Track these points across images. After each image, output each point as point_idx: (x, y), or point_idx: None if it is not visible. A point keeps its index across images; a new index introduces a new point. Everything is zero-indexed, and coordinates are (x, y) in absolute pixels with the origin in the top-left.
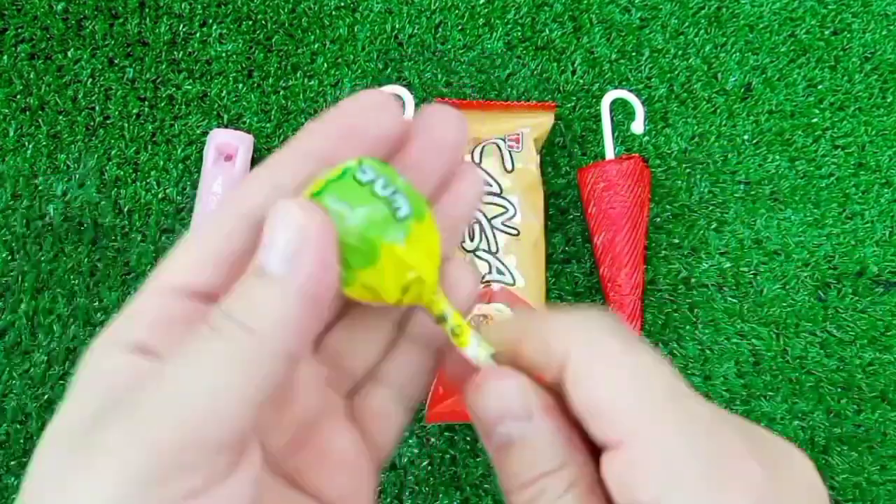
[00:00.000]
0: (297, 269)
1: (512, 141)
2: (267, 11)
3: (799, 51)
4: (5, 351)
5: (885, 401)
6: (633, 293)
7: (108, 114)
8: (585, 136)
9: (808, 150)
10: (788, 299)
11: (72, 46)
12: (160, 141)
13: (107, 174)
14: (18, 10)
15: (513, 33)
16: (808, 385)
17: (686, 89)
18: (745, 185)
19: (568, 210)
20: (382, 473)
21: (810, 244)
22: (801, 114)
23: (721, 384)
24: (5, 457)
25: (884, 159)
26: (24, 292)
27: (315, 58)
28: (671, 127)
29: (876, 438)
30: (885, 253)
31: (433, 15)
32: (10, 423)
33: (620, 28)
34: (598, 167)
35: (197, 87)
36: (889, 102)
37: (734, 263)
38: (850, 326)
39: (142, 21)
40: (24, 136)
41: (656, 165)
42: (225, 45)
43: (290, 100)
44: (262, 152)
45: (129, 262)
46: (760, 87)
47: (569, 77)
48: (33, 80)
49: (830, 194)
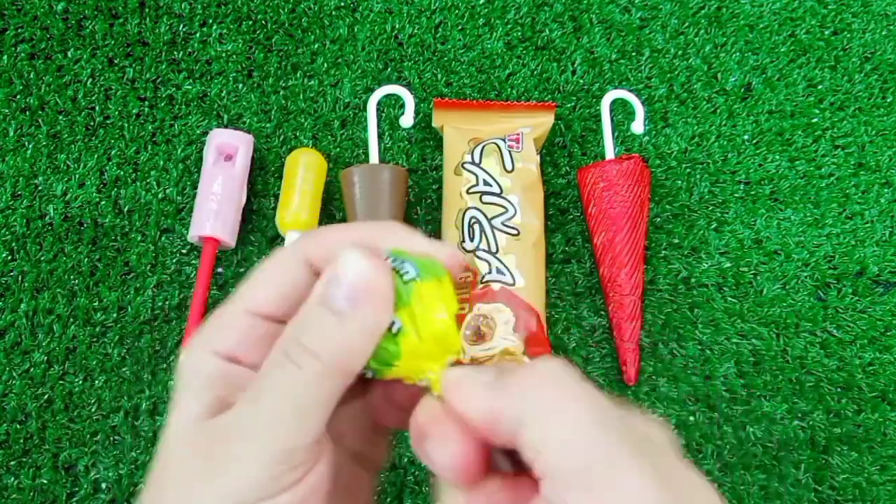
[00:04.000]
0: (361, 308)
1: (512, 141)
2: (267, 11)
3: (799, 51)
4: (5, 351)
5: (885, 401)
6: (633, 293)
7: (108, 114)
8: (585, 136)
9: (808, 150)
10: (788, 299)
11: (72, 46)
12: (160, 141)
13: (107, 174)
14: (18, 10)
15: (513, 33)
16: (809, 385)
17: (686, 89)
18: (745, 185)
19: (568, 210)
20: (382, 473)
21: (810, 244)
22: (801, 114)
23: (721, 384)
24: (5, 457)
25: (884, 159)
26: (24, 292)
27: (315, 58)
28: (671, 127)
29: (876, 438)
30: (885, 253)
31: (433, 15)
32: (10, 423)
33: (620, 28)
34: (598, 167)
35: (197, 87)
36: (889, 102)
37: (734, 263)
38: (850, 326)
39: (142, 21)
40: (24, 136)
41: (656, 165)
42: (225, 45)
43: (290, 100)
44: (262, 152)
45: (129, 262)
46: (760, 87)
47: (569, 77)
48: (33, 80)
49: (830, 194)
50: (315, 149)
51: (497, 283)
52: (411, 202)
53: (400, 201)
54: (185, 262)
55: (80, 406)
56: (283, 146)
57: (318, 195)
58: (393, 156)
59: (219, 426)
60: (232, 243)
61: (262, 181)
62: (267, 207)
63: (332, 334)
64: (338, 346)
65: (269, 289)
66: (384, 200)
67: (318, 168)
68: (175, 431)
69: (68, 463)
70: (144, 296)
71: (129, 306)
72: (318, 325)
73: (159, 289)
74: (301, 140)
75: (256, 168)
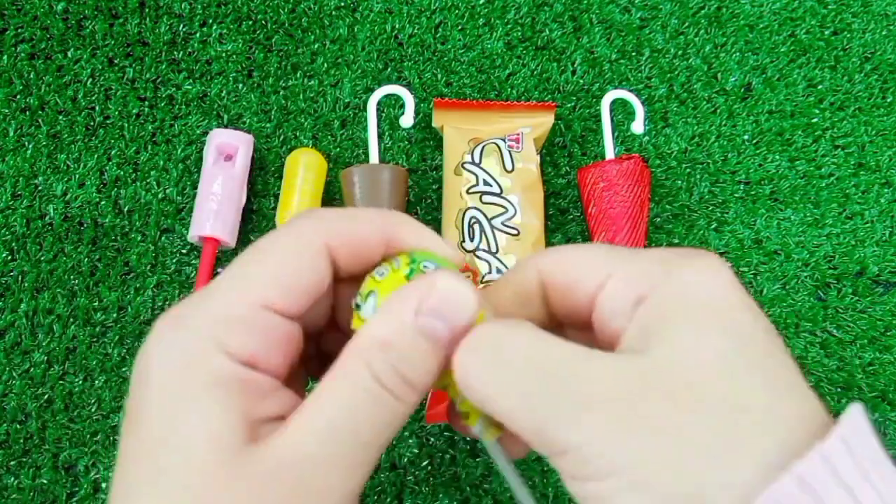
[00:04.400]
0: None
1: (512, 141)
2: (267, 11)
3: (799, 51)
4: (5, 351)
5: (885, 401)
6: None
7: (108, 114)
8: (585, 136)
9: (808, 150)
10: (788, 299)
11: (72, 46)
12: (160, 141)
13: (107, 174)
14: (18, 10)
15: (513, 33)
16: (809, 385)
17: (686, 89)
18: (745, 185)
19: (568, 210)
20: (382, 473)
21: (810, 244)
22: (801, 114)
23: None
24: (5, 457)
25: (884, 159)
26: (24, 292)
27: (315, 58)
28: (671, 127)
29: None
30: (885, 253)
31: (433, 15)
32: (10, 422)
33: (620, 28)
34: (598, 167)
35: (197, 87)
36: (889, 102)
37: (734, 263)
38: (850, 326)
39: (142, 21)
40: (24, 136)
41: (656, 165)
42: (225, 45)
43: (290, 100)
44: (262, 152)
45: (129, 262)
46: (760, 87)
47: (569, 77)
48: (33, 80)
49: (830, 194)
50: (315, 149)
51: None
52: (411, 202)
53: (400, 201)
54: (185, 262)
55: (80, 406)
56: (283, 146)
57: (318, 195)
58: (393, 156)
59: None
60: (232, 243)
61: (262, 181)
62: (267, 207)
63: (431, 367)
64: (432, 378)
65: (290, 280)
66: (384, 200)
67: (318, 168)
68: (198, 453)
69: (68, 463)
70: (144, 296)
71: (129, 306)
72: (421, 357)
73: (159, 289)
74: (301, 140)
75: (256, 168)
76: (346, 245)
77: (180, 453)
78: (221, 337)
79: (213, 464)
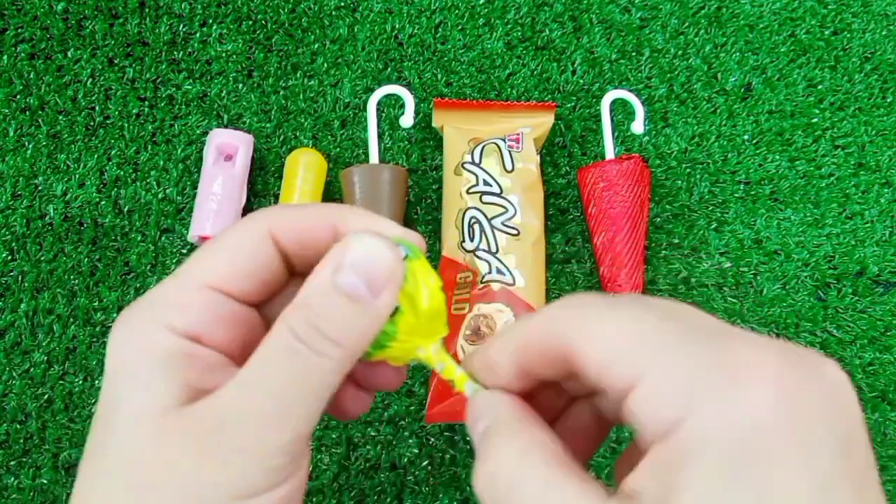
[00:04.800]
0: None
1: (512, 141)
2: (267, 11)
3: (799, 51)
4: (5, 351)
5: (885, 401)
6: (634, 293)
7: (108, 114)
8: (585, 136)
9: (808, 150)
10: (788, 299)
11: (72, 46)
12: (160, 141)
13: (107, 174)
14: (18, 10)
15: (513, 33)
16: None
17: (686, 89)
18: (745, 185)
19: (568, 210)
20: (382, 473)
21: (810, 244)
22: (801, 114)
23: None
24: (5, 457)
25: (884, 159)
26: (24, 292)
27: (315, 58)
28: (671, 127)
29: (876, 438)
30: (885, 253)
31: (433, 15)
32: (10, 423)
33: (620, 28)
34: (598, 167)
35: (197, 87)
36: (889, 102)
37: (734, 263)
38: (850, 326)
39: (142, 21)
40: (24, 136)
41: (656, 165)
42: (225, 45)
43: (290, 100)
44: (262, 152)
45: (129, 262)
46: (760, 87)
47: (569, 77)
48: (33, 80)
49: (830, 194)
50: (315, 149)
51: (497, 283)
52: (411, 202)
53: (400, 201)
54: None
55: (80, 406)
56: (283, 146)
57: (317, 195)
58: (393, 156)
59: (207, 416)
60: None
61: (262, 181)
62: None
63: (355, 323)
64: (360, 335)
65: (232, 263)
66: (384, 200)
67: (318, 168)
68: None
69: (68, 463)
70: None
71: None
72: (339, 313)
73: None
74: (301, 140)
75: (256, 168)
76: (291, 231)
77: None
78: (167, 315)
79: (149, 424)
